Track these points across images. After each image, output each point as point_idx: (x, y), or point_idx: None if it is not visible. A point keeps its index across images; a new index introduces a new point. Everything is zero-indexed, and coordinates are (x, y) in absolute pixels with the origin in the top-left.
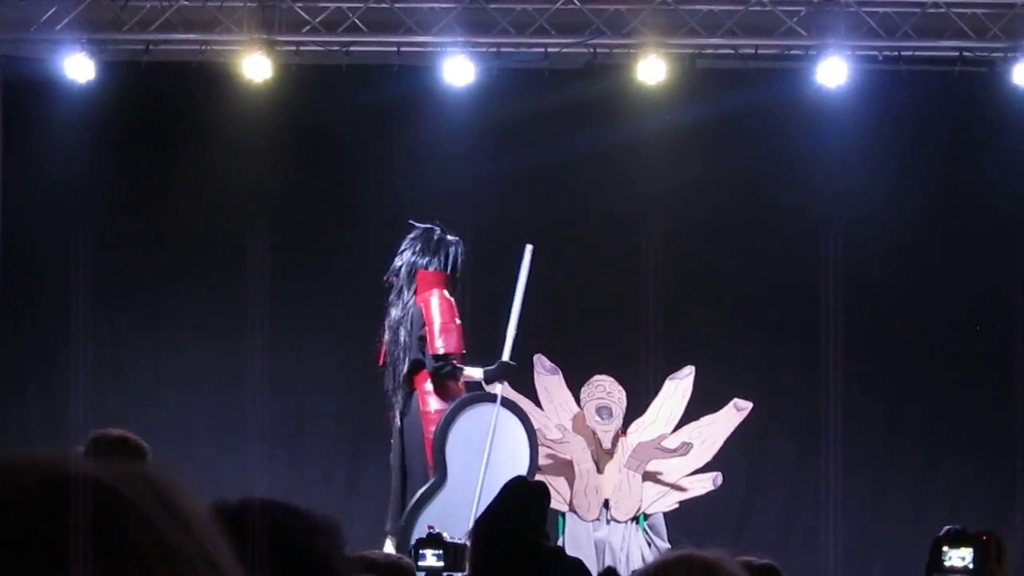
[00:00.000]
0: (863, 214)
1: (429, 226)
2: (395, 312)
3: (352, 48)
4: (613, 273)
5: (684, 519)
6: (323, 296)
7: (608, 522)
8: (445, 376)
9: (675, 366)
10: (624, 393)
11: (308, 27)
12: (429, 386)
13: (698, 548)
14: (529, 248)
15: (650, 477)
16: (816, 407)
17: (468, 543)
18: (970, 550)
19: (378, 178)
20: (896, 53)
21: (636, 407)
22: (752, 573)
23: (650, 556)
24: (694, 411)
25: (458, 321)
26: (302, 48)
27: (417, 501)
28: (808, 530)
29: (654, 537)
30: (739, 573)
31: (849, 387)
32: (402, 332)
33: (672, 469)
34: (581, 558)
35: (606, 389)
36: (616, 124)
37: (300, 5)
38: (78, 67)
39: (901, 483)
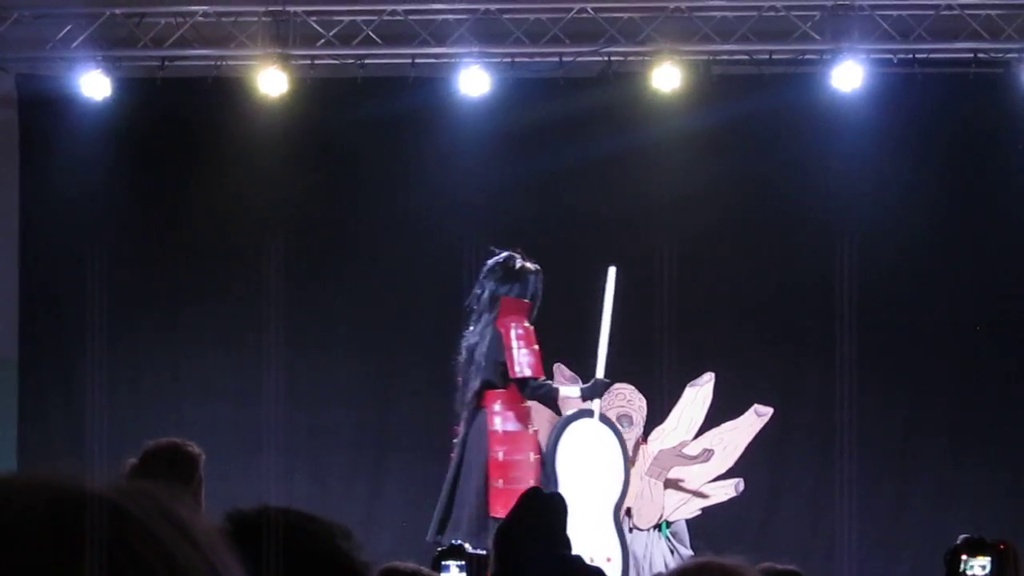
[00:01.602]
0: (879, 217)
1: (508, 254)
2: (472, 336)
3: (367, 61)
4: (630, 280)
5: (706, 526)
6: (341, 308)
7: (631, 530)
8: (543, 396)
9: (695, 373)
10: (644, 401)
11: (323, 40)
12: (498, 407)
13: (719, 555)
14: (612, 270)
15: (672, 484)
16: (836, 411)
17: (491, 553)
18: (989, 558)
19: (395, 190)
20: (911, 56)
21: (656, 415)
22: None
23: (673, 564)
24: (715, 417)
25: (536, 347)
26: (317, 62)
27: None
28: (830, 535)
29: (677, 544)
30: None
31: (869, 391)
32: (477, 353)
33: (694, 476)
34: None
35: (626, 397)
36: (631, 132)
37: (314, 19)
38: (94, 84)
39: (923, 487)
